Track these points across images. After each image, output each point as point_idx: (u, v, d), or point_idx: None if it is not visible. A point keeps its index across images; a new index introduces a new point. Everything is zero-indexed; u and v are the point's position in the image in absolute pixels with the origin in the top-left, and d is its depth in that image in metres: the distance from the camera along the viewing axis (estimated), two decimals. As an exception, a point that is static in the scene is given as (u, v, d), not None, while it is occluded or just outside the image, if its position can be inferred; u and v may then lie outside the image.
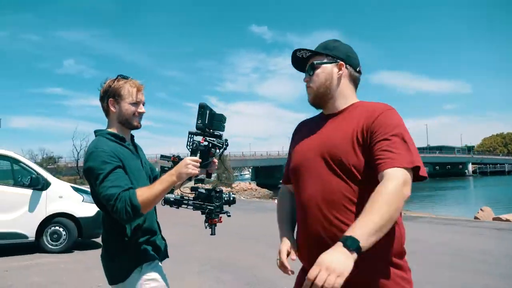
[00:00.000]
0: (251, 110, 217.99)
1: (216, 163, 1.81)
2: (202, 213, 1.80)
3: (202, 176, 1.79)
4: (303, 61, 1.58)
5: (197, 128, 1.76)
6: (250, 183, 56.87)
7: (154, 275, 1.79)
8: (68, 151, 73.02)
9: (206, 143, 1.75)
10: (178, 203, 1.77)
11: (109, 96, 1.88)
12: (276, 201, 16.45)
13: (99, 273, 2.25)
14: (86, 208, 6.91)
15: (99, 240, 6.67)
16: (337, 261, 1.06)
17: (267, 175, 67.07)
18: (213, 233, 1.81)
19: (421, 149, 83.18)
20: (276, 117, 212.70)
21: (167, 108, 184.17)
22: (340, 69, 1.50)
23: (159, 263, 1.87)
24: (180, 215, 12.35)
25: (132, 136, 2.01)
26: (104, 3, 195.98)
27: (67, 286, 4.82)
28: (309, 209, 1.42)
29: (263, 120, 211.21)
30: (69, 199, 6.96)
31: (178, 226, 9.39)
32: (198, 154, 1.74)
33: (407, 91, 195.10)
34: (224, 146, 1.78)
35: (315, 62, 1.52)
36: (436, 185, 46.84)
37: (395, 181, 1.20)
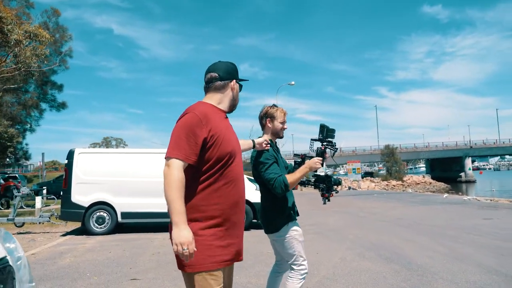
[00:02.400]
0: (425, 98, 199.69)
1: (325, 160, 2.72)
2: (315, 188, 2.83)
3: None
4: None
5: (318, 139, 2.78)
6: (424, 176, 54.32)
7: (296, 227, 2.73)
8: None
9: (323, 148, 2.74)
10: (305, 183, 2.87)
11: (267, 117, 2.81)
12: (445, 195, 17.89)
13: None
14: (258, 195, 9.91)
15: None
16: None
17: (443, 167, 62.41)
18: (324, 203, 2.83)
19: None
20: (457, 104, 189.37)
21: (336, 102, 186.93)
22: None
23: (296, 221, 2.82)
24: (339, 204, 14.91)
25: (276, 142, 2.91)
26: (271, 6, 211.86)
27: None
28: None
29: (440, 108, 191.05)
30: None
31: (338, 214, 11.88)
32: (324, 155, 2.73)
33: None
34: (335, 149, 2.77)
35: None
36: None
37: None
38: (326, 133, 2.77)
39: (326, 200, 2.81)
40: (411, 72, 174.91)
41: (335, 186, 2.82)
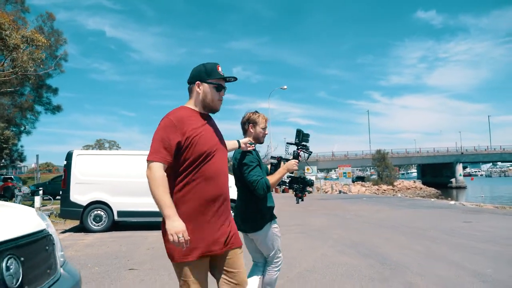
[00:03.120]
0: (419, 103, 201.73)
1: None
2: (289, 188, 3.01)
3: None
4: (225, 79, 2.21)
5: (294, 143, 2.93)
6: (414, 182, 55.02)
7: (275, 224, 2.95)
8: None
9: (299, 151, 2.91)
10: (280, 184, 2.96)
11: (250, 122, 2.94)
12: (433, 200, 18.45)
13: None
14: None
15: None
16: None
17: (434, 173, 63.24)
18: (297, 202, 3.01)
19: None
20: (449, 109, 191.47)
21: (328, 106, 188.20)
22: None
23: (276, 219, 3.02)
24: (327, 207, 15.34)
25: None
26: (265, 11, 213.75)
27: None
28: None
29: (433, 114, 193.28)
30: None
31: (325, 215, 12.32)
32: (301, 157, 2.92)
33: None
34: (309, 152, 2.95)
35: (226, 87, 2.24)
36: None
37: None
38: (301, 137, 2.92)
39: (300, 199, 3.00)
40: (405, 77, 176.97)
41: (308, 187, 3.00)
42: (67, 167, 8.86)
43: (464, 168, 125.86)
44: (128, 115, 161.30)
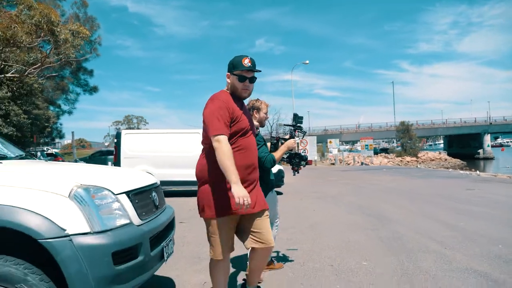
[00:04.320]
0: (449, 71, 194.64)
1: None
2: (287, 163, 3.44)
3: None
4: (252, 70, 2.51)
5: (291, 125, 3.37)
6: (440, 153, 54.86)
7: (274, 193, 3.60)
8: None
9: (296, 132, 3.36)
10: (282, 160, 3.39)
11: (254, 109, 3.36)
12: (450, 170, 19.41)
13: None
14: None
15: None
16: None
17: (461, 144, 62.49)
18: (294, 174, 3.51)
19: None
20: (481, 77, 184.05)
21: (354, 77, 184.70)
22: None
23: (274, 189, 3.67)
24: (345, 178, 16.49)
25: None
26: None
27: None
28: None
29: (463, 82, 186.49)
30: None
31: (342, 185, 13.51)
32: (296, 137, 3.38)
33: None
34: (304, 132, 3.46)
35: (255, 77, 2.55)
36: None
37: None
38: (297, 120, 3.37)
39: (296, 172, 3.48)
40: (435, 44, 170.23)
41: (303, 161, 3.46)
42: (117, 144, 10.45)
43: (496, 138, 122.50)
44: (152, 90, 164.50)
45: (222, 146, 2.25)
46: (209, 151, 2.39)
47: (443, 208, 7.72)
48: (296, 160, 3.39)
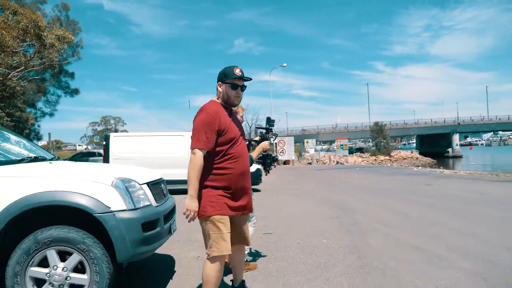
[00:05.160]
0: (422, 73, 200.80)
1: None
2: (258, 163, 3.60)
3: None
4: (243, 79, 2.65)
5: (264, 128, 3.50)
6: (412, 152, 57.10)
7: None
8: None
9: (270, 135, 3.49)
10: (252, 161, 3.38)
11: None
12: (416, 168, 20.89)
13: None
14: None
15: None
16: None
17: (432, 143, 65.15)
18: (266, 174, 3.76)
19: None
20: (453, 79, 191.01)
21: (331, 77, 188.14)
22: None
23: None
24: (320, 176, 17.57)
25: None
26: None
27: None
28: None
29: (436, 84, 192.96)
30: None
31: (316, 182, 14.60)
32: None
33: None
34: (275, 134, 3.61)
35: (246, 85, 2.69)
36: None
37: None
38: (270, 123, 3.55)
39: (267, 172, 3.72)
40: (408, 46, 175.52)
41: (273, 162, 3.71)
42: (106, 146, 11.14)
43: (466, 137, 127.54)
44: (129, 90, 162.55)
45: (196, 159, 2.46)
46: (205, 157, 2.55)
47: (400, 200, 8.86)
48: (268, 161, 3.65)
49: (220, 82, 2.64)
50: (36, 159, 3.39)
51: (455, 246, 4.59)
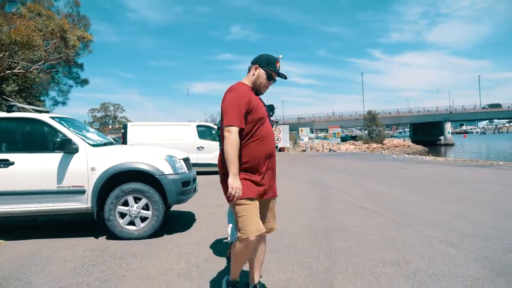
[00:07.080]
0: (419, 61, 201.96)
1: None
2: None
3: None
4: (278, 75, 2.69)
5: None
6: (404, 140, 58.98)
7: None
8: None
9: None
10: None
11: None
12: (403, 155, 23.00)
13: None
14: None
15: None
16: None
17: (425, 131, 66.92)
18: None
19: None
20: (449, 66, 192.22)
21: (328, 65, 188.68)
22: None
23: None
24: (311, 161, 19.44)
25: None
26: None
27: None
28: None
29: (433, 71, 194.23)
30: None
31: (306, 166, 16.48)
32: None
33: None
34: (276, 122, 6.61)
35: (276, 80, 2.70)
36: None
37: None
38: (271, 110, 3.67)
39: None
40: (405, 34, 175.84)
41: None
42: (124, 134, 13.03)
43: (461, 125, 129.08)
44: (126, 76, 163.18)
45: (232, 136, 2.40)
46: None
47: (371, 180, 10.78)
48: None
49: (257, 65, 2.64)
50: (111, 143, 5.29)
51: (394, 208, 6.49)
